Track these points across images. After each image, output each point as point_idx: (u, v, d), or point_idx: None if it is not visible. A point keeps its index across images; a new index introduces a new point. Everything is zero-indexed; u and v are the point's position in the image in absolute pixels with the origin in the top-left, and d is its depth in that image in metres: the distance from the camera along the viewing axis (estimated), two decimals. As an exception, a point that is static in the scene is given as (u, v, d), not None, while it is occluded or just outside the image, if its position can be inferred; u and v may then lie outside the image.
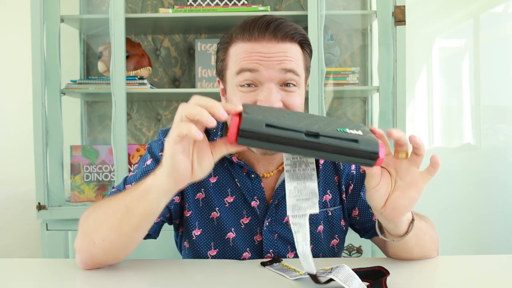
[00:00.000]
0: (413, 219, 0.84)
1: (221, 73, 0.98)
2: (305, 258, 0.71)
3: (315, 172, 0.72)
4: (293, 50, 0.92)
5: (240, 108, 0.67)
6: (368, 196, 0.78)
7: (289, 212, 0.70)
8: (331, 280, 0.73)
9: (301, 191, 0.71)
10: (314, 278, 0.74)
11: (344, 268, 0.73)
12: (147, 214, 0.79)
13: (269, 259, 0.92)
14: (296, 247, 0.71)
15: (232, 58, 0.94)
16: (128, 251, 0.86)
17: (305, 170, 0.72)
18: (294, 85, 0.92)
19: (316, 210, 0.70)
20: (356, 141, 0.65)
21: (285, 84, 0.91)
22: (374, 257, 1.74)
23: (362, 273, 0.77)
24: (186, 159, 0.71)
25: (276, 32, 0.91)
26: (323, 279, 0.74)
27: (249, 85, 0.91)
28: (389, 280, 0.76)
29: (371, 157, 0.66)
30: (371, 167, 0.71)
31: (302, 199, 0.70)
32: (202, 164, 0.73)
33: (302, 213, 0.70)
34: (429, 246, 0.92)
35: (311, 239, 1.01)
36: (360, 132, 0.67)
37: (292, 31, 0.92)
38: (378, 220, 0.87)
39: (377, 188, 0.76)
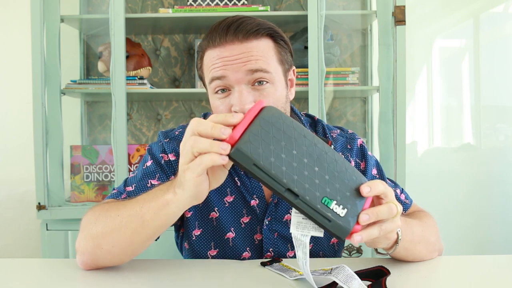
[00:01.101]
0: (396, 241, 0.81)
1: (202, 81, 1.00)
2: (305, 274, 0.72)
3: None
4: (260, 47, 0.91)
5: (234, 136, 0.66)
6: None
7: (292, 230, 0.70)
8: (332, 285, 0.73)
9: None
10: None
11: (344, 268, 0.73)
12: (163, 226, 0.79)
13: (269, 259, 0.92)
14: (297, 261, 0.72)
15: (205, 66, 0.95)
16: (134, 256, 0.86)
17: None
18: (266, 81, 0.91)
19: (320, 234, 0.68)
20: (328, 220, 0.65)
21: (257, 82, 0.91)
22: (374, 257, 1.75)
23: (363, 273, 0.77)
24: (206, 181, 0.72)
25: (237, 33, 0.90)
26: (324, 282, 0.74)
27: (223, 90, 0.92)
28: (389, 280, 0.76)
29: (337, 238, 0.66)
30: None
31: (308, 219, 0.68)
32: (217, 177, 0.73)
33: (306, 233, 0.69)
34: (423, 254, 0.91)
35: (310, 238, 1.01)
36: (343, 211, 0.65)
37: (255, 27, 0.91)
38: None
39: None
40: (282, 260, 0.91)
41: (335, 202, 0.65)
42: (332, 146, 1.05)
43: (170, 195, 0.75)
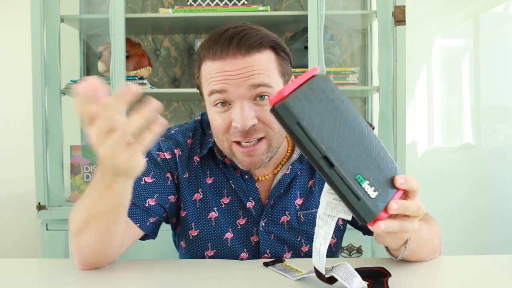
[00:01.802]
0: (405, 244, 0.81)
1: (199, 89, 0.98)
2: (319, 256, 0.70)
3: None
4: (262, 60, 0.89)
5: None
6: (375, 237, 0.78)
7: (321, 209, 0.68)
8: (333, 278, 0.73)
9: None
10: (320, 275, 0.74)
11: (345, 266, 0.73)
12: (115, 209, 0.78)
13: (271, 259, 0.92)
14: (314, 242, 0.70)
15: (203, 77, 0.93)
16: (117, 249, 0.86)
17: None
18: (268, 96, 0.89)
19: (349, 217, 0.66)
20: (358, 198, 0.63)
21: (259, 97, 0.89)
22: (374, 257, 1.74)
23: (364, 272, 0.77)
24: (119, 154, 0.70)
25: (240, 47, 0.87)
26: (326, 275, 0.74)
27: (222, 103, 0.90)
28: (389, 279, 0.76)
29: (360, 220, 0.64)
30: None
31: (338, 200, 0.66)
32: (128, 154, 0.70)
33: (334, 214, 0.67)
34: (426, 256, 0.91)
35: (307, 239, 1.01)
36: (374, 193, 0.64)
37: (258, 40, 0.88)
38: None
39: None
40: (285, 260, 0.91)
41: (367, 182, 0.64)
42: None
43: (96, 176, 0.75)
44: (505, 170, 2.28)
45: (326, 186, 0.68)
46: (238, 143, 0.91)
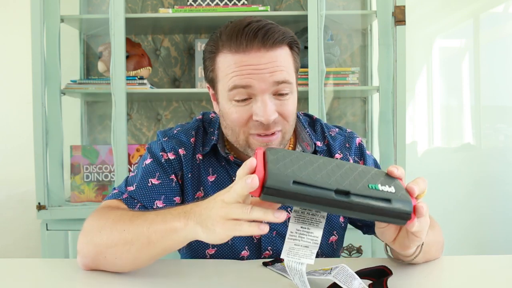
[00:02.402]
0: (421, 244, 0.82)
1: (211, 82, 0.97)
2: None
3: (324, 221, 0.67)
4: (282, 56, 0.91)
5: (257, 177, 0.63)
6: (378, 233, 0.77)
7: (283, 255, 0.66)
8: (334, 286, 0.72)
9: (302, 236, 0.66)
10: None
11: (344, 268, 0.73)
12: (169, 249, 0.78)
13: (271, 259, 0.92)
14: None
15: (221, 70, 0.92)
16: (137, 269, 0.86)
17: (314, 216, 0.67)
18: (287, 93, 0.91)
19: (311, 261, 0.65)
20: (389, 200, 0.61)
21: (278, 94, 0.91)
22: (374, 257, 1.74)
23: (365, 272, 0.77)
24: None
25: (265, 41, 0.88)
26: (324, 277, 0.73)
27: (243, 99, 0.90)
28: (390, 279, 0.76)
29: (403, 218, 0.62)
30: (401, 225, 0.66)
31: (301, 246, 0.65)
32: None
33: (297, 260, 0.65)
34: (432, 256, 0.92)
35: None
36: (392, 189, 0.63)
37: (281, 36, 0.90)
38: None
39: (388, 227, 0.75)
40: (284, 260, 0.90)
41: (380, 185, 0.63)
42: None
43: (180, 224, 0.74)
44: (505, 170, 2.28)
45: (289, 230, 0.66)
46: (257, 134, 0.92)
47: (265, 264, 0.89)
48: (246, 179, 0.62)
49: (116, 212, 0.87)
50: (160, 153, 1.00)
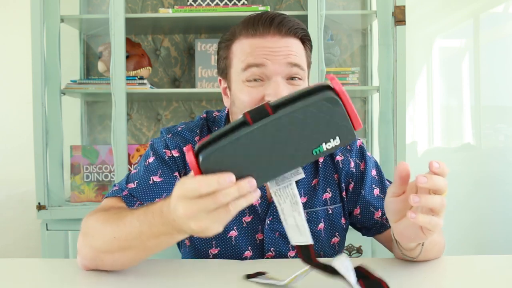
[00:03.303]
0: (422, 243, 0.82)
1: (224, 71, 0.99)
2: (298, 230, 0.67)
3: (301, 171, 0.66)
4: (296, 45, 0.94)
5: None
6: (386, 203, 0.77)
7: (272, 188, 0.65)
8: (330, 269, 0.69)
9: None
10: (306, 254, 0.70)
11: (343, 259, 0.70)
12: (167, 245, 0.77)
13: (254, 273, 0.85)
14: (284, 222, 0.67)
15: (236, 54, 0.95)
16: (137, 264, 0.86)
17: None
18: (299, 79, 0.94)
19: (301, 174, 0.64)
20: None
21: (291, 78, 0.93)
22: (374, 257, 1.74)
23: (362, 274, 0.75)
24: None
25: (280, 27, 0.92)
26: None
27: (255, 80, 0.92)
28: (390, 279, 0.76)
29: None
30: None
31: (285, 177, 0.64)
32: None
33: (287, 182, 0.64)
34: (435, 255, 0.92)
35: (311, 237, 1.00)
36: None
37: (295, 26, 0.94)
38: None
39: (395, 199, 0.75)
40: (267, 272, 0.85)
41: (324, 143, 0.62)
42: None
43: (167, 230, 0.72)
44: (505, 170, 2.28)
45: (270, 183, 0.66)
46: None
47: (248, 276, 0.83)
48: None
49: (111, 214, 0.85)
50: (164, 150, 0.99)
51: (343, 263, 0.70)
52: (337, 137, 0.62)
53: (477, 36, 2.29)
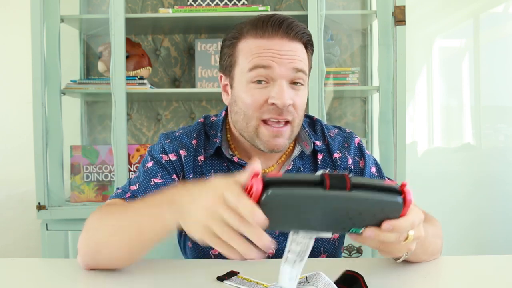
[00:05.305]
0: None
1: (227, 69, 0.99)
2: (291, 270, 0.69)
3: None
4: (301, 50, 0.96)
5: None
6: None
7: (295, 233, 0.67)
8: None
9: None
10: None
11: (321, 276, 0.72)
12: (160, 237, 0.78)
13: (225, 273, 0.84)
14: (284, 256, 0.69)
15: (242, 54, 0.95)
16: (135, 261, 0.86)
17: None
18: (301, 84, 0.95)
19: (328, 235, 0.67)
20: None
21: (294, 83, 0.94)
22: (374, 257, 1.75)
23: (337, 281, 0.74)
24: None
25: (289, 31, 0.93)
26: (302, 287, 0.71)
27: (260, 81, 0.93)
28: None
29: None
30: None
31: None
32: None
33: (310, 235, 0.66)
34: (429, 257, 0.92)
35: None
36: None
37: (302, 30, 0.95)
38: None
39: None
40: (239, 272, 0.85)
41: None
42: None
43: (168, 214, 0.73)
44: (505, 170, 2.28)
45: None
46: (266, 122, 0.94)
47: (219, 279, 0.82)
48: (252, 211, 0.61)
49: (111, 208, 0.88)
50: (161, 155, 1.01)
51: (323, 280, 0.71)
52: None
53: (477, 36, 2.29)
